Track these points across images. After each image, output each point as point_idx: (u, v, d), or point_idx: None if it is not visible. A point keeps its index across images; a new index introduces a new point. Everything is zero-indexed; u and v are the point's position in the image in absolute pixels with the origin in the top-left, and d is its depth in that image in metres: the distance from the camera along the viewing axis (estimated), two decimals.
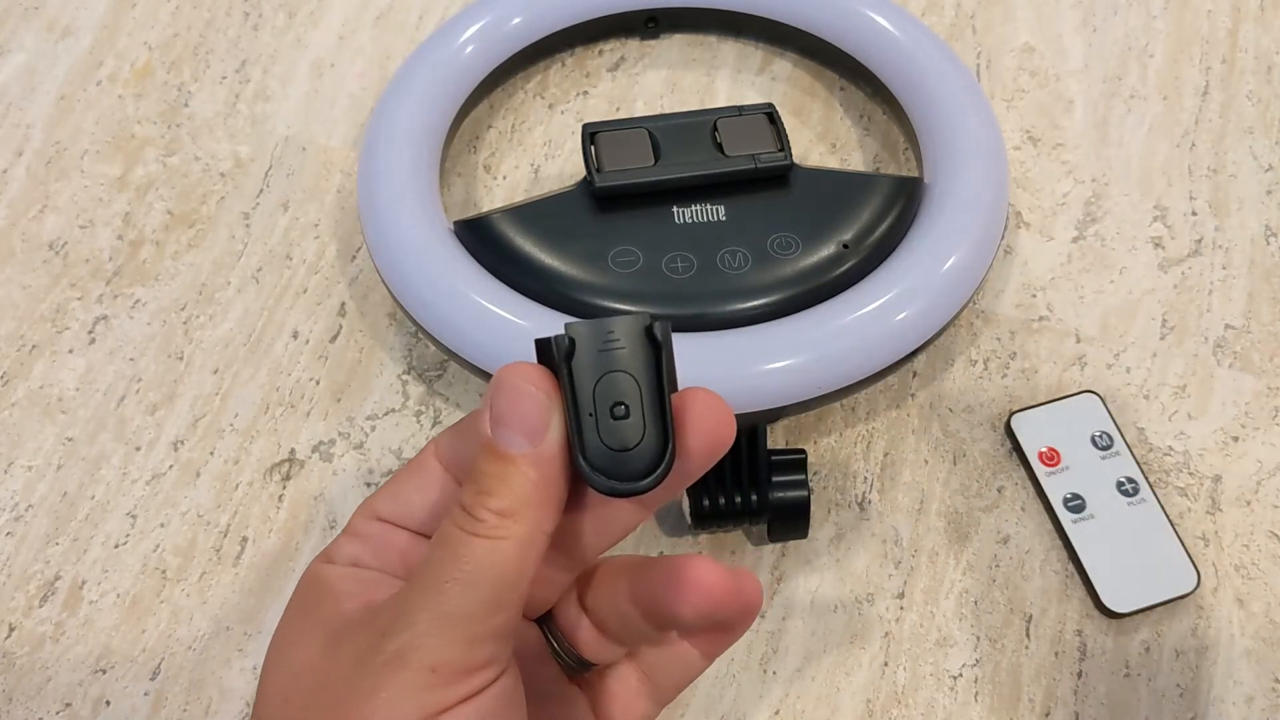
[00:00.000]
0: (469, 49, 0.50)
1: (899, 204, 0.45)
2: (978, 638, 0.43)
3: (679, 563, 0.29)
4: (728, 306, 0.43)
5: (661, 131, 0.46)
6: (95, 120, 0.54)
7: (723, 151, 0.46)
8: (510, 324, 0.42)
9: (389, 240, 0.45)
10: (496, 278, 0.44)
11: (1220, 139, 0.54)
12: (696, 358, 0.41)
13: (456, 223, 0.45)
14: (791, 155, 0.46)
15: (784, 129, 0.46)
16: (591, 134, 0.46)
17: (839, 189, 0.46)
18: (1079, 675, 0.42)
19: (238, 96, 0.55)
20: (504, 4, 0.51)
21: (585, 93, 0.55)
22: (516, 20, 0.51)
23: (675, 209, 0.45)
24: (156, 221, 0.52)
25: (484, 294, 0.43)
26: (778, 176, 0.46)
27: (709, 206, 0.45)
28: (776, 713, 0.42)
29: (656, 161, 0.45)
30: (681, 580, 0.28)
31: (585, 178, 0.45)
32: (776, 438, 0.47)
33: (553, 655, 0.32)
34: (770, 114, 0.47)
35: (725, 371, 0.41)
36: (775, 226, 0.44)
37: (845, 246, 0.44)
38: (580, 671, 0.32)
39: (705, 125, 0.46)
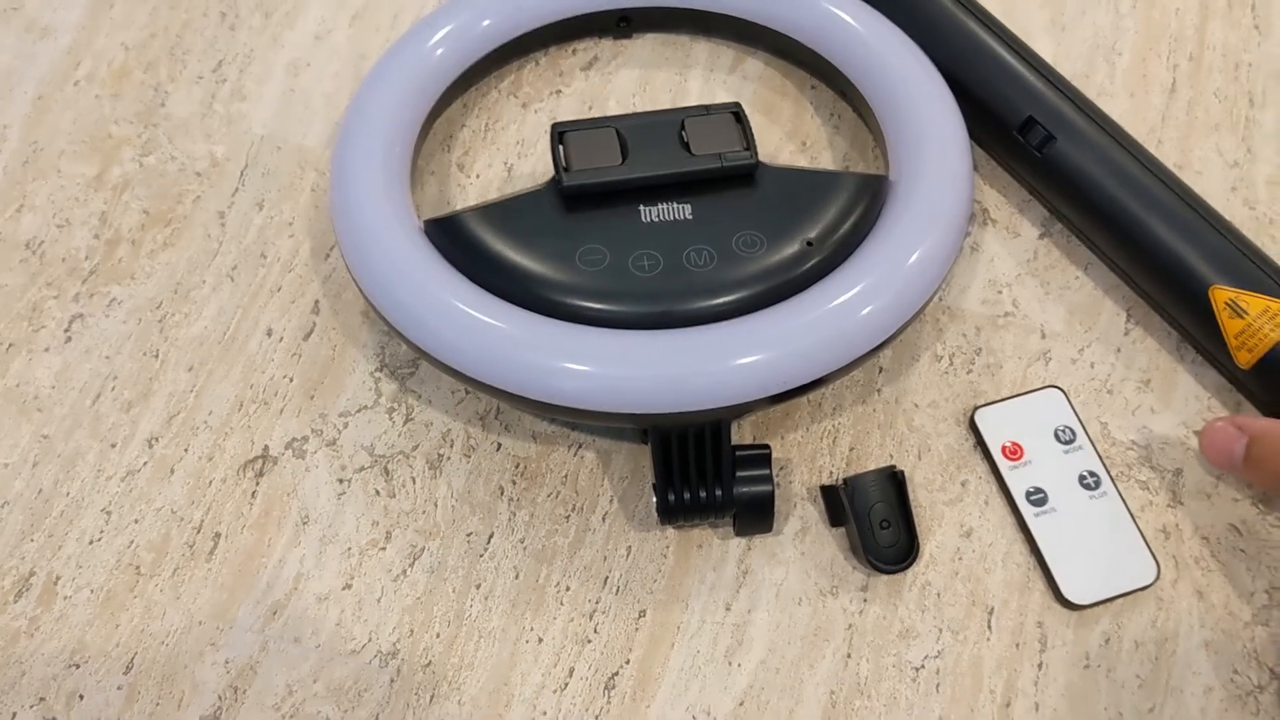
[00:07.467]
0: (440, 50, 0.50)
1: (863, 201, 0.46)
2: (940, 629, 0.43)
3: None
4: (693, 304, 0.43)
5: (629, 131, 0.47)
6: (73, 120, 0.55)
7: (689, 150, 0.46)
8: (478, 322, 0.42)
9: (359, 239, 0.45)
10: (466, 276, 0.44)
11: (1187, 136, 0.54)
12: (662, 355, 0.42)
13: (426, 221, 0.46)
14: (757, 154, 0.46)
15: (750, 128, 0.47)
16: (560, 133, 0.47)
17: (804, 187, 0.46)
18: (1040, 666, 0.43)
19: (214, 96, 0.55)
20: (475, 5, 0.52)
21: (559, 92, 0.55)
22: (487, 22, 0.52)
23: (642, 208, 0.45)
24: (133, 221, 0.52)
25: (452, 293, 0.43)
26: (744, 175, 0.46)
27: (676, 205, 0.45)
28: (741, 704, 0.42)
29: (624, 160, 0.46)
30: None
31: (554, 177, 0.46)
32: (744, 433, 0.47)
33: None
34: (737, 113, 0.47)
35: (690, 368, 0.42)
36: (741, 224, 0.45)
37: (809, 244, 0.45)
38: None
39: (672, 124, 0.47)
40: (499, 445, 0.47)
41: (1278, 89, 0.55)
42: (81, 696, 0.42)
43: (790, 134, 0.54)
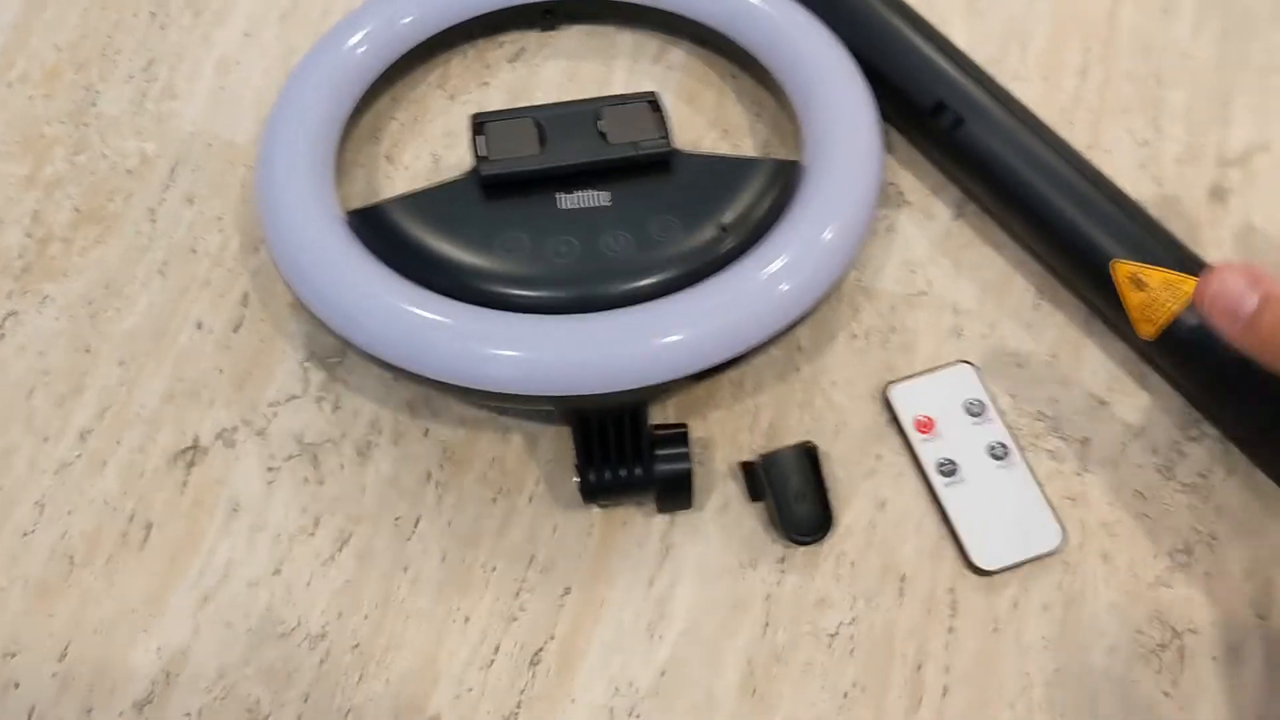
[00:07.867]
0: (362, 47, 0.51)
1: (777, 186, 0.47)
2: (854, 598, 0.45)
3: None
4: (610, 288, 0.44)
5: (548, 120, 0.48)
6: (6, 121, 0.55)
7: (605, 139, 0.47)
8: (398, 310, 0.43)
9: (282, 231, 0.46)
10: (388, 266, 0.45)
11: (1098, 117, 0.56)
12: (580, 339, 0.43)
13: (349, 212, 0.47)
14: (673, 141, 0.47)
15: (666, 116, 0.48)
16: (479, 123, 0.48)
17: (719, 173, 0.48)
18: (950, 631, 0.44)
19: (144, 95, 0.56)
20: (398, 1, 0.53)
21: (486, 84, 0.56)
22: (408, 19, 0.53)
23: (560, 195, 0.46)
24: (65, 219, 0.53)
25: (373, 282, 0.44)
26: (660, 162, 0.47)
27: (594, 193, 0.47)
28: (663, 674, 0.44)
29: (542, 149, 0.47)
30: None
31: (474, 166, 0.47)
32: (668, 412, 0.49)
33: None
34: (653, 101, 0.49)
35: (608, 350, 0.43)
36: (657, 210, 0.46)
37: (724, 229, 0.46)
38: None
39: (589, 113, 0.48)
40: (427, 431, 0.48)
41: (1185, 69, 0.57)
42: (17, 685, 0.43)
43: (713, 122, 0.55)
